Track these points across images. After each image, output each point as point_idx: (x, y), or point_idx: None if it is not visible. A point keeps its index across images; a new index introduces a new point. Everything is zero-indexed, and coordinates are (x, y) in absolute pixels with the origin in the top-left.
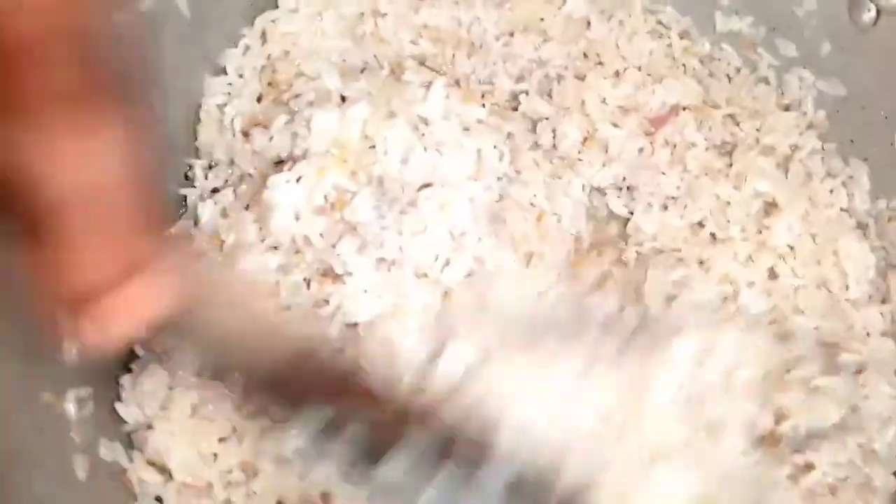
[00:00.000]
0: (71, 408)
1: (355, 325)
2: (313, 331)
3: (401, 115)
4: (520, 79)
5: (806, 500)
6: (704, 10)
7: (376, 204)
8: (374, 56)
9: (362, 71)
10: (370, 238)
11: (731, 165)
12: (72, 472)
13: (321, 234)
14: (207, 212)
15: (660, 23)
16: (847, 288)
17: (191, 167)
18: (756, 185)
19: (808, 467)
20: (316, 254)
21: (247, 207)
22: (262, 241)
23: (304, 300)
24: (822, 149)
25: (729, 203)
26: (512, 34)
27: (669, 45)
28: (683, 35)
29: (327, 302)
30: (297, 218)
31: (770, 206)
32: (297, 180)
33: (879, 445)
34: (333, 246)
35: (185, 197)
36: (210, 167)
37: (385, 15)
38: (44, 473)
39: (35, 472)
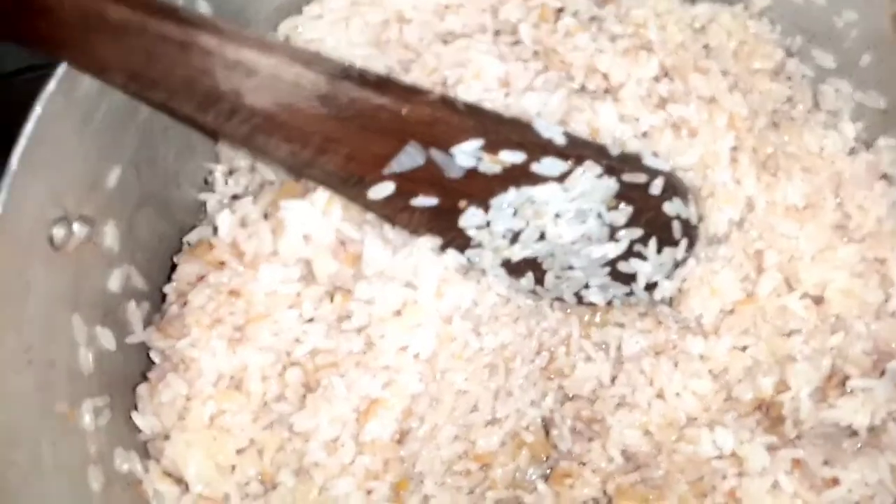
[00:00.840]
0: (87, 418)
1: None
2: None
3: None
4: None
5: None
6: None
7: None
8: (398, 62)
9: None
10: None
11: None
12: (86, 484)
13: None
14: (226, 221)
15: None
16: (887, 299)
17: (211, 172)
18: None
19: (834, 482)
20: (330, 279)
21: (266, 216)
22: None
23: (327, 313)
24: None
25: None
26: None
27: None
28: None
29: (350, 317)
30: (308, 241)
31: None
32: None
33: None
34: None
35: (204, 203)
36: (230, 173)
37: (410, 21)
38: (58, 486)
39: (49, 485)
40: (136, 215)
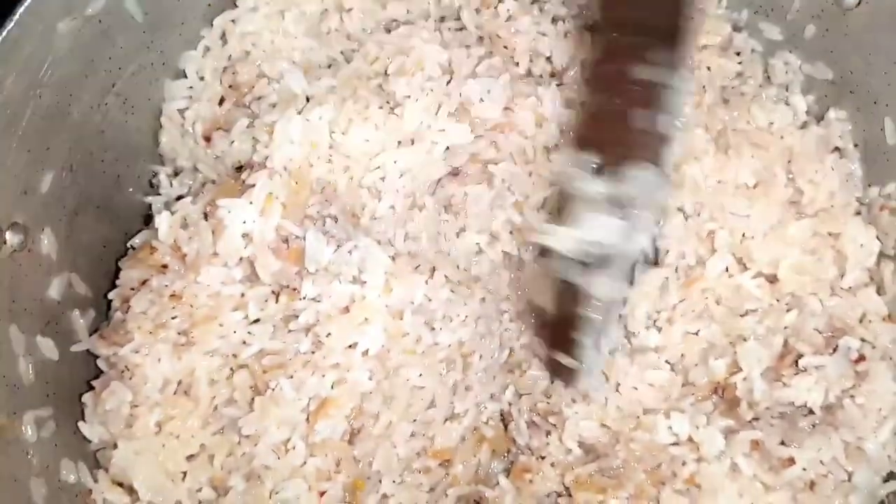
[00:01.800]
0: (28, 430)
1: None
2: None
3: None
4: None
5: (783, 491)
6: None
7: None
8: (341, 52)
9: (329, 67)
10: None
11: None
12: (29, 497)
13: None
14: (165, 223)
15: None
16: (843, 275)
17: (155, 174)
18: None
19: (790, 461)
20: (274, 277)
21: (206, 216)
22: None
23: (273, 313)
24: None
25: None
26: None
27: None
28: None
29: (297, 317)
30: (248, 240)
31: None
32: (250, 203)
33: (871, 445)
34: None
35: (150, 205)
36: (175, 174)
37: (350, 10)
38: None
39: None
40: (76, 221)
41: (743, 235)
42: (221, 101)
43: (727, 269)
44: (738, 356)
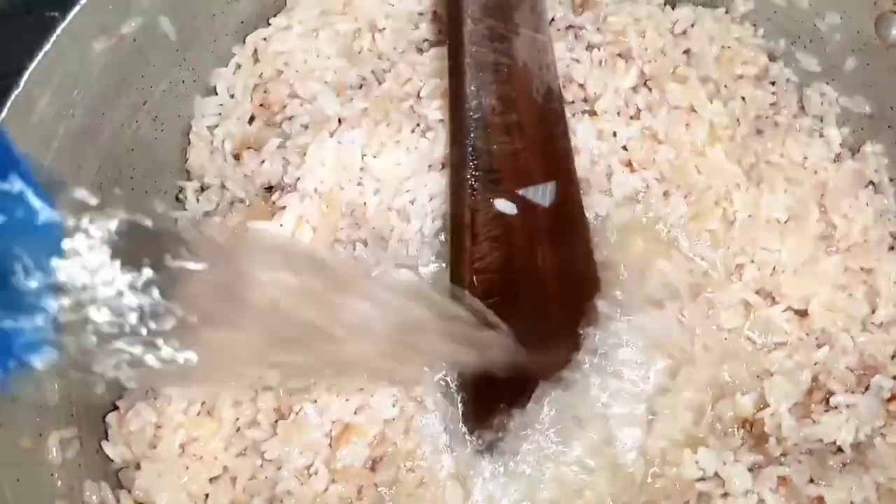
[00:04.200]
0: (53, 451)
1: None
2: None
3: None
4: None
5: None
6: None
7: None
8: (372, 72)
9: (360, 87)
10: None
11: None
12: None
13: None
14: None
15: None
16: (874, 310)
17: (181, 189)
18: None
19: (819, 501)
20: None
21: None
22: None
23: None
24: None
25: None
26: None
27: None
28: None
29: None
30: None
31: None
32: (280, 226)
33: None
34: None
35: (175, 220)
36: (202, 190)
37: (383, 30)
38: None
39: None
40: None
41: (773, 269)
42: (252, 120)
43: (752, 304)
44: (766, 391)
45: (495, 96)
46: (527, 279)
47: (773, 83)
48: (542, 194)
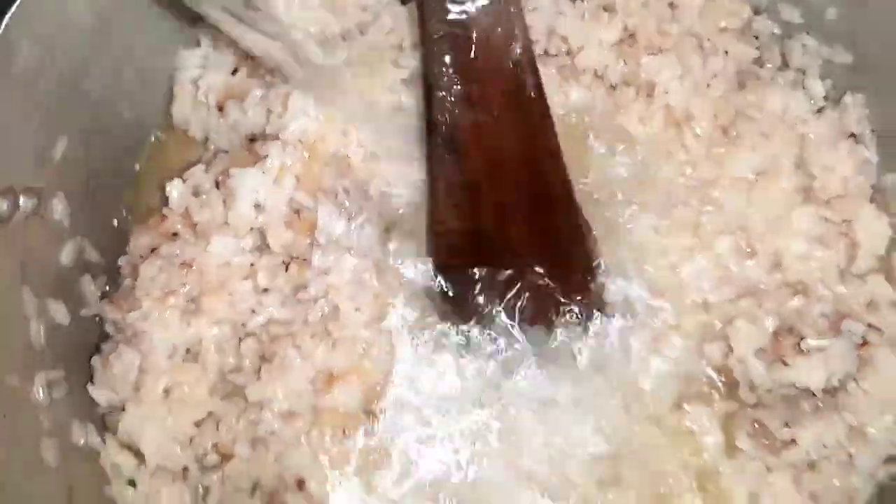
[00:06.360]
0: (40, 391)
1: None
2: None
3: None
4: None
5: (785, 471)
6: None
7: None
8: (356, 25)
9: (343, 39)
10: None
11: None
12: (40, 457)
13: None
14: (177, 190)
15: None
16: (854, 259)
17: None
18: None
19: (792, 443)
20: (285, 248)
21: (217, 185)
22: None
23: (282, 283)
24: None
25: None
26: None
27: None
28: None
29: (306, 287)
30: (260, 209)
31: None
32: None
33: (873, 429)
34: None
35: None
36: None
37: None
38: (13, 459)
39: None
40: (88, 188)
41: (747, 224)
42: (235, 72)
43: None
44: (730, 336)
45: (455, 69)
46: (496, 253)
47: (756, 37)
48: None
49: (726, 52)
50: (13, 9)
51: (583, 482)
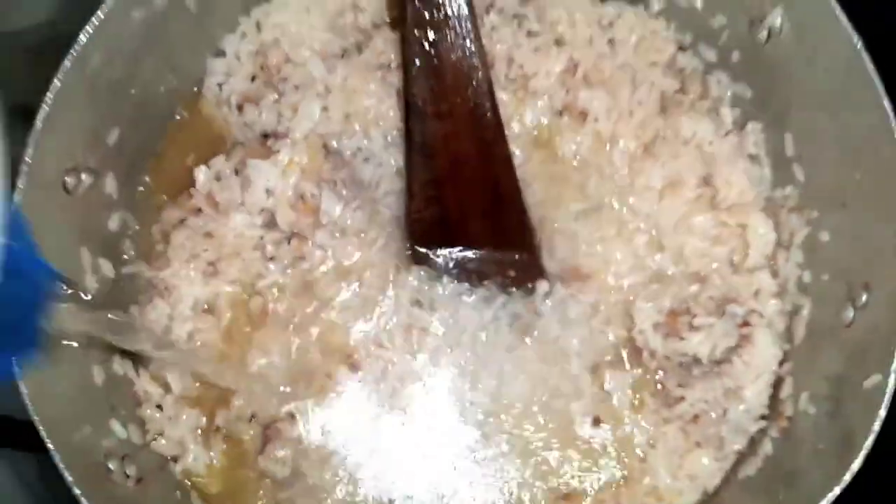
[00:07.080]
0: None
1: None
2: None
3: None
4: None
5: (675, 422)
6: None
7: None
8: (353, 44)
9: (342, 56)
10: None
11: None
12: (91, 378)
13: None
14: (202, 174)
15: None
16: (746, 257)
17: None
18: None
19: (682, 399)
20: (289, 226)
21: (236, 172)
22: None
23: (285, 254)
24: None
25: None
26: None
27: None
28: None
29: (304, 258)
30: (270, 195)
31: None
32: (274, 165)
33: (749, 392)
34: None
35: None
36: None
37: (364, 10)
38: (68, 378)
39: (61, 377)
40: (133, 169)
41: (654, 229)
42: (253, 79)
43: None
44: (633, 314)
45: (429, 90)
46: (459, 237)
47: (681, 70)
48: None
49: (653, 83)
50: (88, 26)
51: (508, 416)
